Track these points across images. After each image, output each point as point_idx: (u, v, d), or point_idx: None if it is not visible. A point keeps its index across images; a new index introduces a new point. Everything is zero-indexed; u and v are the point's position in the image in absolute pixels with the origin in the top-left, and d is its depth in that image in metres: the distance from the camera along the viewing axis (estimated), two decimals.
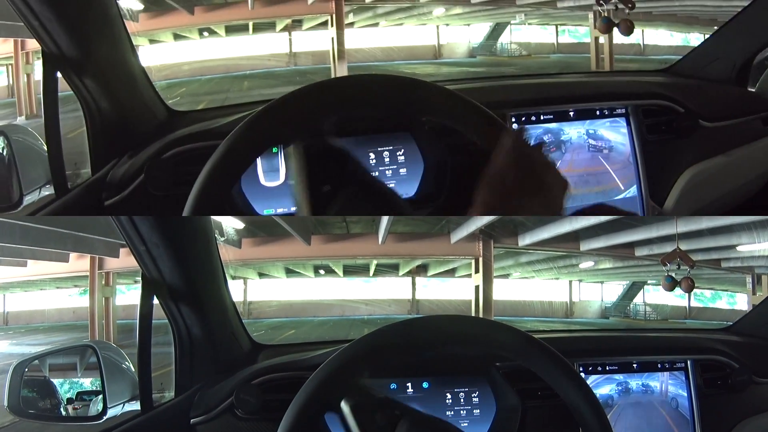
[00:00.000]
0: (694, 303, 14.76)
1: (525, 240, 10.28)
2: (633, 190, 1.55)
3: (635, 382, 1.50)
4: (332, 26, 11.72)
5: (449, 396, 1.44)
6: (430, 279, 15.35)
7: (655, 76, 1.81)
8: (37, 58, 1.32)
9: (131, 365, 1.49)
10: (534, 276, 14.86)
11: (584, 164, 1.53)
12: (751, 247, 9.07)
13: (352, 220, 10.20)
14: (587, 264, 13.26)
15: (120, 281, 11.18)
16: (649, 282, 14.69)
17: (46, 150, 1.31)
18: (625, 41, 12.83)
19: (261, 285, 15.23)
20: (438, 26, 15.28)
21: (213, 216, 0.92)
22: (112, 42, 1.35)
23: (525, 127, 0.92)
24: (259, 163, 1.43)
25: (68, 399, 1.78)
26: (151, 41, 13.86)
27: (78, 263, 10.82)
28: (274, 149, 1.43)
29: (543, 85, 1.69)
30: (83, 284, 10.53)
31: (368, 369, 0.91)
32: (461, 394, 1.44)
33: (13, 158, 1.35)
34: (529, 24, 15.03)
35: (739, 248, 9.25)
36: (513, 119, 1.49)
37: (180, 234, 1.29)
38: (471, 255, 10.33)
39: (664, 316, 14.64)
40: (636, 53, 13.23)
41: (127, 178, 1.36)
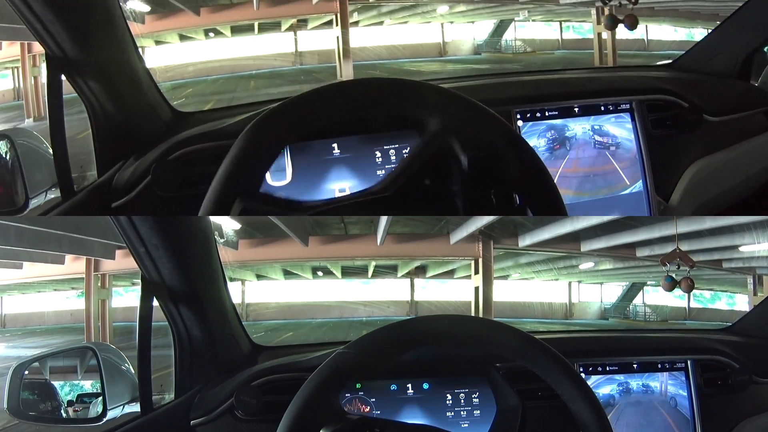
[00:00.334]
0: (694, 304, 14.75)
1: (525, 241, 10.26)
2: (638, 185, 1.55)
3: (635, 383, 1.50)
4: (337, 25, 11.74)
5: (449, 397, 1.44)
6: (429, 280, 15.33)
7: (659, 71, 1.81)
8: (44, 61, 1.31)
9: (131, 367, 1.49)
10: (533, 277, 14.85)
11: (589, 160, 1.53)
12: (754, 248, 9.06)
13: (351, 221, 10.18)
14: (587, 265, 13.24)
15: (117, 283, 11.16)
16: (649, 283, 14.68)
17: (52, 153, 1.31)
18: (629, 37, 12.85)
19: (259, 287, 15.21)
20: (442, 24, 15.30)
21: (224, 216, 0.91)
22: (116, 44, 1.35)
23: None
24: None
25: (69, 401, 1.78)
26: (157, 42, 13.90)
27: (74, 265, 10.78)
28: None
29: (547, 82, 1.69)
30: (80, 286, 10.50)
31: (338, 392, 0.90)
32: (461, 395, 1.44)
33: (19, 162, 1.34)
34: (533, 21, 15.04)
35: (742, 248, 9.24)
36: (518, 116, 1.49)
37: (180, 235, 1.29)
38: (471, 256, 10.31)
39: (664, 317, 14.63)
40: (639, 48, 13.23)
41: (134, 180, 1.35)
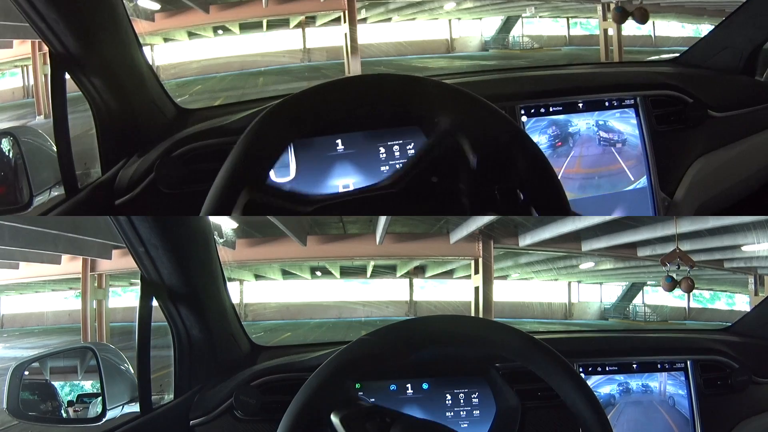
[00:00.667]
0: (694, 304, 14.76)
1: (526, 240, 10.24)
2: (643, 181, 1.55)
3: (635, 383, 1.50)
4: (345, 22, 11.80)
5: (449, 397, 1.44)
6: (428, 280, 15.33)
7: (664, 67, 1.81)
8: None
9: (130, 367, 1.49)
10: (533, 277, 14.85)
11: (594, 155, 1.53)
12: (756, 247, 9.05)
13: (349, 220, 10.17)
14: (587, 265, 13.23)
15: (115, 283, 11.14)
16: (649, 283, 14.68)
17: (56, 150, 1.31)
18: (636, 33, 12.86)
19: (257, 287, 15.21)
20: (450, 20, 15.33)
21: (231, 216, 0.90)
22: (119, 42, 1.35)
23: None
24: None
25: (69, 401, 1.78)
26: (166, 40, 13.96)
27: (70, 265, 10.75)
28: None
29: (552, 77, 1.68)
30: (78, 287, 10.47)
31: (353, 379, 0.90)
32: (461, 395, 1.44)
33: (23, 159, 1.34)
34: (541, 17, 15.07)
35: (744, 248, 9.23)
36: (522, 111, 1.48)
37: (179, 235, 1.29)
38: (471, 256, 10.30)
39: (664, 317, 14.63)
40: (643, 44, 13.22)
41: (138, 177, 1.35)
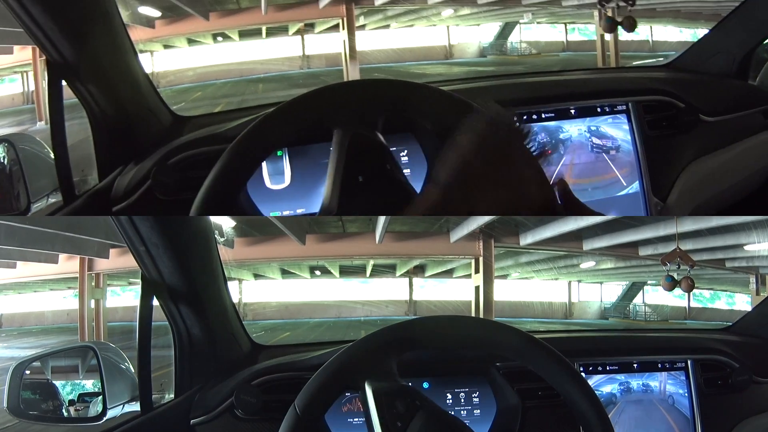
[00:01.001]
0: (694, 303, 14.76)
1: (527, 239, 10.22)
2: (635, 186, 1.55)
3: (636, 382, 1.50)
4: (344, 29, 11.88)
5: (450, 396, 1.44)
6: (428, 280, 15.34)
7: (656, 72, 1.81)
8: None
9: (131, 366, 1.49)
10: (533, 276, 14.85)
11: (586, 161, 1.53)
12: (758, 247, 9.05)
13: (348, 219, 10.17)
14: (588, 264, 13.23)
15: (113, 283, 11.14)
16: (649, 282, 14.69)
17: (53, 157, 1.32)
18: (634, 38, 12.86)
19: (256, 286, 15.23)
20: (448, 27, 15.36)
21: (217, 216, 0.94)
22: (115, 49, 1.36)
23: (508, 111, 0.90)
24: (265, 166, 1.43)
25: (70, 400, 1.79)
26: (166, 46, 14.05)
27: (68, 264, 10.76)
28: (279, 152, 1.43)
29: (545, 83, 1.69)
30: (76, 286, 10.49)
31: (397, 356, 0.92)
32: (461, 395, 1.44)
33: (20, 166, 1.36)
34: (538, 23, 15.08)
35: (747, 247, 9.23)
36: (515, 117, 1.49)
37: (180, 234, 1.29)
38: (471, 254, 10.29)
39: (664, 317, 14.64)
40: (643, 50, 13.24)
41: (135, 184, 1.36)
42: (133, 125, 1.43)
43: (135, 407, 1.35)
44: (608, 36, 10.78)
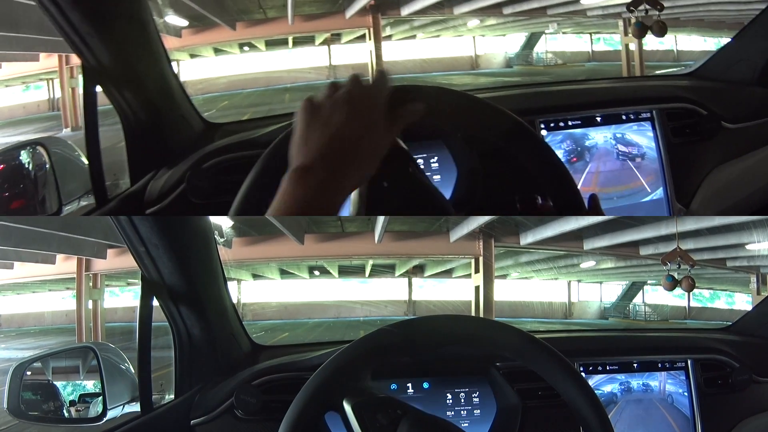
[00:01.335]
0: (694, 303, 14.77)
1: (527, 239, 10.21)
2: (659, 192, 1.57)
3: (636, 382, 1.50)
4: (370, 39, 11.95)
5: (449, 396, 1.44)
6: (427, 280, 15.33)
7: (679, 80, 1.83)
8: (81, 73, 1.36)
9: (131, 366, 1.49)
10: (533, 276, 14.85)
11: (611, 168, 1.55)
12: (759, 246, 9.04)
13: (348, 218, 10.14)
14: (589, 264, 13.23)
15: (111, 283, 11.12)
16: (649, 282, 14.69)
17: (87, 161, 1.34)
18: (658, 48, 12.90)
19: (255, 286, 15.24)
20: (474, 37, 15.45)
21: (252, 216, 0.95)
22: (150, 57, 1.39)
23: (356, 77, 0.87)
24: None
25: (71, 401, 1.79)
26: (192, 56, 14.16)
27: (65, 265, 10.76)
28: None
29: (571, 92, 1.71)
30: (74, 287, 10.49)
31: (370, 368, 0.91)
32: (462, 395, 1.44)
33: (53, 169, 1.38)
34: (564, 33, 15.17)
35: (748, 247, 9.22)
36: (542, 125, 1.51)
37: (180, 235, 1.30)
38: (471, 254, 10.28)
39: (664, 317, 14.64)
40: (668, 59, 13.29)
41: (168, 188, 1.38)
42: (166, 131, 1.46)
43: (135, 408, 1.35)
44: (633, 46, 10.76)
